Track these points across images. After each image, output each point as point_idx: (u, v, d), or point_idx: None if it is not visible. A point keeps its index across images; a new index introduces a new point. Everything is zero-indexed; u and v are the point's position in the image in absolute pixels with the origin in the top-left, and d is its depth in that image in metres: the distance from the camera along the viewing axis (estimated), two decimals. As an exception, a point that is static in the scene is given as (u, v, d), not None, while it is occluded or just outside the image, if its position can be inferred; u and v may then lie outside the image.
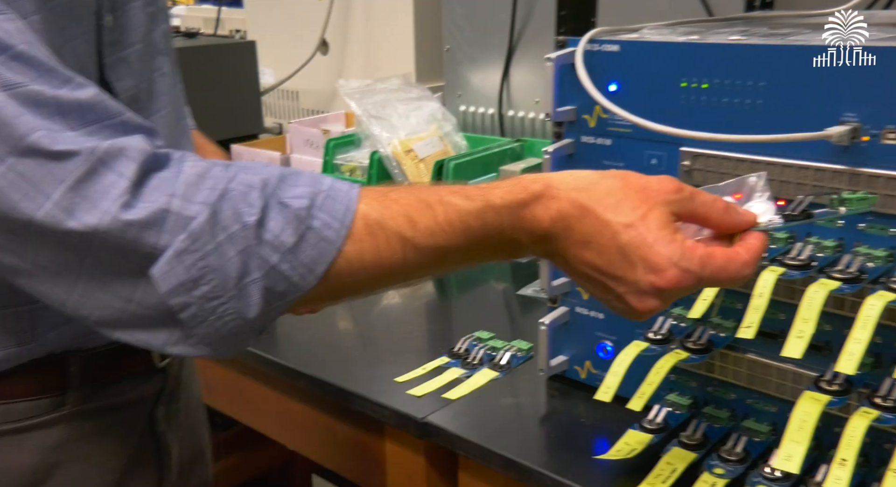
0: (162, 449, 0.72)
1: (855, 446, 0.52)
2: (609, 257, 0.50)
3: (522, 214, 0.52)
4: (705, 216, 0.52)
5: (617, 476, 0.65)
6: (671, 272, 0.50)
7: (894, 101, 0.55)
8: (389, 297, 1.12)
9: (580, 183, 0.52)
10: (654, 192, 0.51)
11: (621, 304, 0.52)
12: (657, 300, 0.51)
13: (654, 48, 0.66)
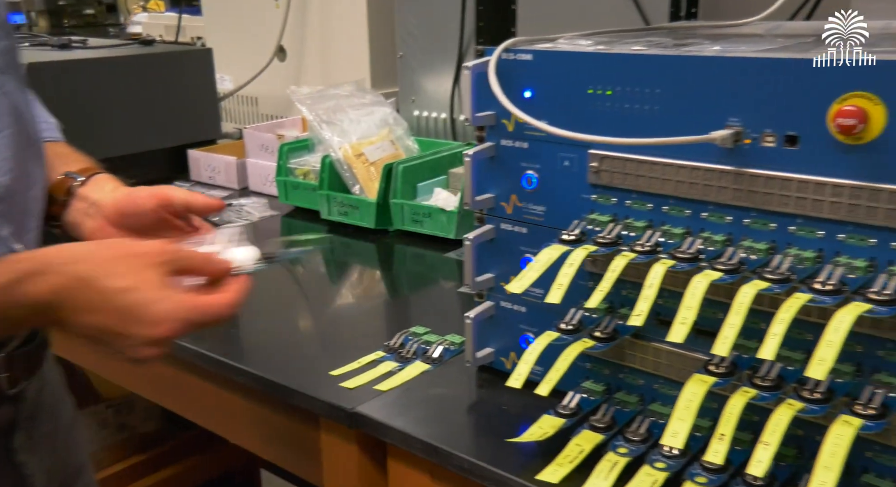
0: (24, 479, 0.73)
1: (733, 422, 0.57)
2: (112, 319, 0.58)
3: (14, 293, 0.57)
4: (193, 268, 0.63)
5: (530, 459, 0.68)
6: (167, 325, 0.58)
7: (772, 108, 0.59)
8: (335, 296, 1.15)
9: (77, 255, 0.59)
10: (146, 256, 0.60)
11: (127, 355, 0.59)
12: (158, 348, 0.59)
13: (563, 57, 0.70)
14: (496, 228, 0.78)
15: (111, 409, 1.93)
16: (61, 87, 1.49)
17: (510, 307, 0.80)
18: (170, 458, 1.95)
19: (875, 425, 0.55)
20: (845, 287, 0.56)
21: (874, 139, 0.55)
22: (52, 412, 0.79)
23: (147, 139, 1.64)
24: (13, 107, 0.69)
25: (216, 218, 1.35)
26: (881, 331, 0.57)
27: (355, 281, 1.22)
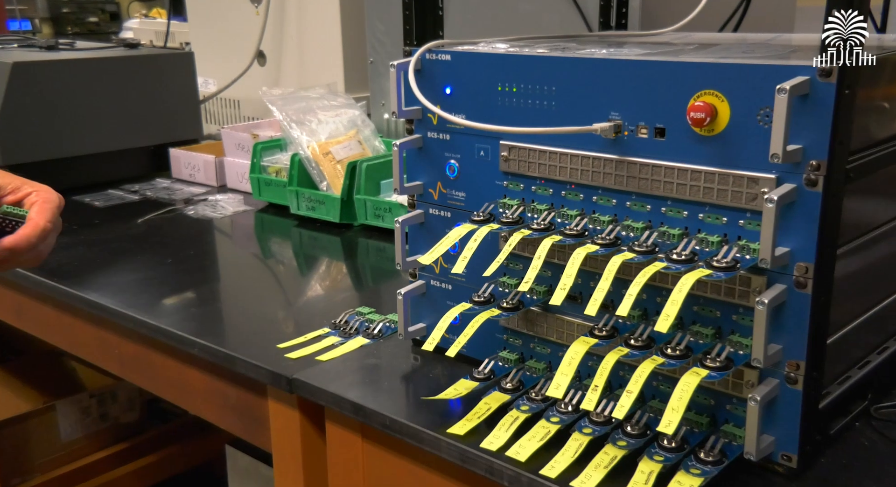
0: None
1: (605, 375, 0.65)
2: None
3: None
4: None
5: (445, 417, 0.76)
6: None
7: (644, 103, 0.68)
8: (297, 283, 1.24)
9: None
10: None
11: None
12: None
13: (476, 58, 0.79)
14: (425, 213, 0.87)
15: (94, 399, 2.01)
16: (47, 86, 1.58)
17: (439, 285, 0.88)
18: (149, 447, 2.03)
19: (718, 375, 0.63)
20: (696, 257, 0.64)
21: (722, 131, 0.64)
22: None
23: (130, 137, 1.73)
24: None
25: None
26: (734, 298, 0.66)
27: (317, 269, 1.30)
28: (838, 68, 0.58)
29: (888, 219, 0.75)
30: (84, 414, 2.00)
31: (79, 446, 1.99)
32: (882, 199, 0.75)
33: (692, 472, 0.65)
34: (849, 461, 0.69)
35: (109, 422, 2.04)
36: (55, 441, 1.95)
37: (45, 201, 0.75)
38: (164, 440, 2.06)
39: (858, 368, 0.75)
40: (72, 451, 1.97)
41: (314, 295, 1.16)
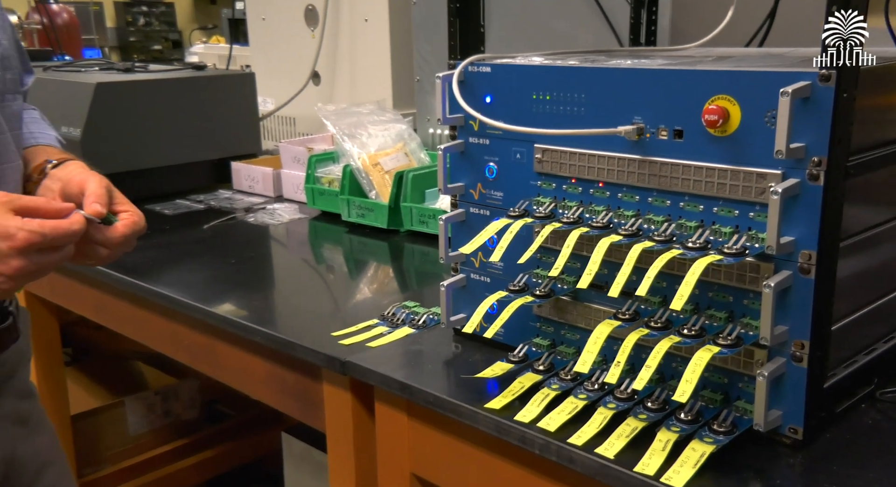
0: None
1: (626, 352, 0.72)
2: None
3: None
4: (33, 207, 0.78)
5: (483, 395, 0.84)
6: (21, 236, 0.74)
7: (663, 108, 0.75)
8: (349, 281, 1.33)
9: None
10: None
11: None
12: (21, 260, 0.74)
13: (513, 69, 0.87)
14: (466, 211, 0.95)
15: (159, 396, 2.13)
16: (125, 104, 1.71)
17: (478, 278, 0.96)
18: (207, 443, 2.14)
19: (728, 351, 0.70)
20: (709, 245, 0.72)
21: (734, 132, 0.71)
22: (17, 403, 0.97)
23: (196, 151, 1.85)
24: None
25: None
26: (745, 284, 0.72)
27: (366, 270, 1.39)
28: (836, 73, 0.65)
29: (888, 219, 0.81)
30: (149, 411, 2.12)
31: (145, 440, 2.11)
32: (889, 197, 0.81)
33: (705, 440, 0.71)
34: (853, 437, 0.75)
35: (172, 419, 2.16)
36: (124, 435, 2.08)
37: (132, 222, 0.85)
38: (221, 437, 2.17)
39: (865, 354, 0.81)
40: (138, 445, 2.09)
41: (363, 292, 1.25)
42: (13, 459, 0.96)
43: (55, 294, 1.58)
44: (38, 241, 0.75)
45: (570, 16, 1.48)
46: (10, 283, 0.75)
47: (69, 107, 1.69)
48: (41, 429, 1.03)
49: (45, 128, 1.03)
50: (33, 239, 0.74)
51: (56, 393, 1.76)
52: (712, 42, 1.08)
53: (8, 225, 0.74)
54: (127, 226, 0.84)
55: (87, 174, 0.87)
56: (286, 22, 2.02)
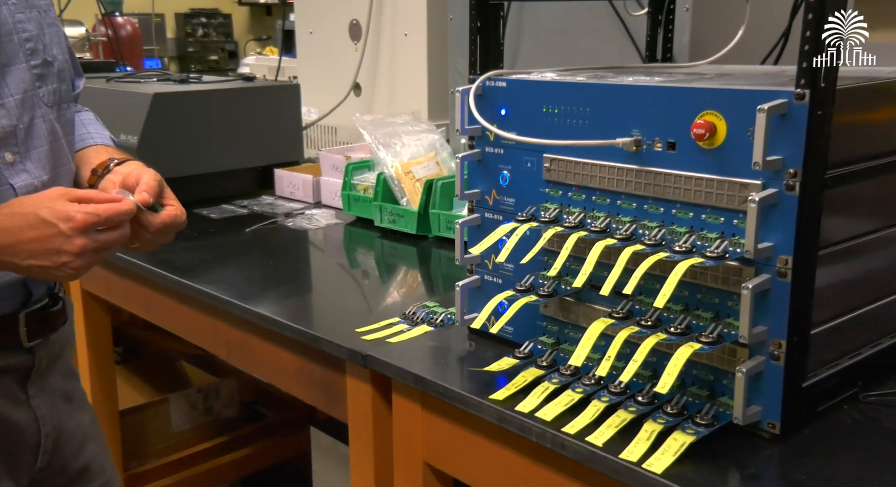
0: (37, 420, 1.00)
1: (616, 348, 0.78)
2: (38, 229, 0.83)
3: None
4: (88, 197, 0.87)
5: (488, 387, 0.90)
6: (80, 217, 0.82)
7: (660, 122, 0.81)
8: (377, 282, 1.41)
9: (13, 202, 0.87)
10: (50, 192, 0.87)
11: (65, 251, 0.83)
12: (84, 238, 0.83)
13: (525, 84, 0.94)
14: (482, 216, 1.02)
15: (201, 394, 2.23)
16: (178, 113, 1.82)
17: (491, 279, 1.03)
18: (246, 441, 2.24)
19: (709, 348, 0.75)
20: (694, 249, 0.77)
21: (720, 145, 0.77)
22: (63, 381, 1.06)
23: (242, 158, 1.95)
24: (52, 130, 0.98)
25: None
26: (729, 287, 0.78)
27: (394, 273, 1.47)
28: (809, 92, 0.70)
29: (879, 228, 0.85)
30: (192, 408, 2.22)
31: (187, 436, 2.21)
32: (873, 210, 0.85)
33: (687, 432, 0.77)
34: (830, 433, 0.80)
35: (213, 416, 2.26)
36: (168, 431, 2.18)
37: (174, 215, 0.95)
38: (258, 435, 2.26)
39: (849, 358, 0.85)
40: (181, 440, 2.20)
41: (388, 293, 1.33)
42: (61, 430, 1.05)
43: (111, 293, 1.68)
44: (94, 221, 0.84)
45: (597, 33, 1.54)
46: (78, 261, 0.85)
47: (128, 115, 1.81)
48: (83, 407, 1.13)
49: (100, 128, 1.13)
50: (90, 219, 0.84)
51: (106, 388, 1.86)
52: (726, 59, 1.13)
53: (67, 209, 0.84)
54: (168, 216, 0.93)
55: (143, 169, 0.97)
56: (331, 35, 2.12)
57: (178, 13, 10.37)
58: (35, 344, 1.01)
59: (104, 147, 1.09)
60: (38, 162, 0.96)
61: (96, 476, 1.12)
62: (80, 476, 1.09)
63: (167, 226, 0.93)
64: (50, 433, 1.03)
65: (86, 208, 0.84)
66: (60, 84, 1.01)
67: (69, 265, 0.84)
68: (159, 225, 0.92)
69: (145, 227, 0.92)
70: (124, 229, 0.89)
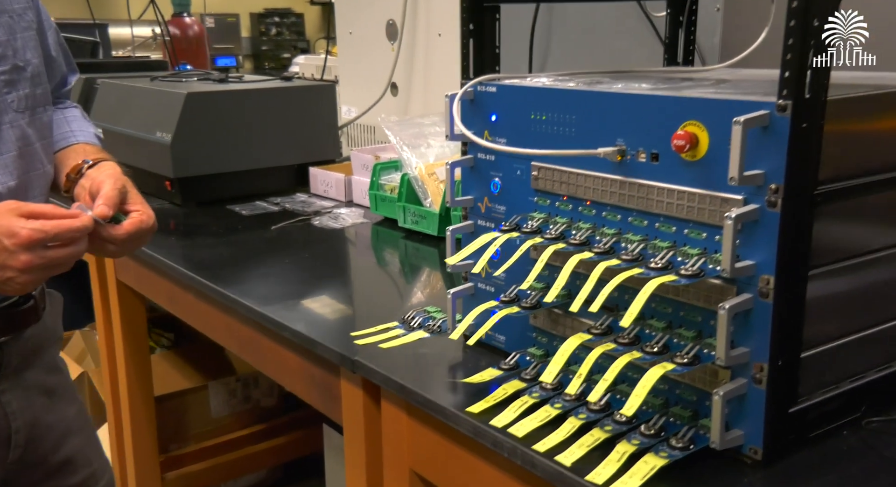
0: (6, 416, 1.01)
1: (588, 365, 0.75)
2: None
3: None
4: (40, 212, 0.87)
5: (470, 398, 0.88)
6: (24, 233, 0.82)
7: (643, 131, 0.78)
8: (389, 284, 1.40)
9: None
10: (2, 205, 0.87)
11: (10, 266, 0.83)
12: (29, 254, 0.82)
13: (514, 90, 0.91)
14: (475, 223, 1.00)
15: (240, 382, 2.27)
16: (212, 112, 1.85)
17: (484, 287, 1.00)
18: (282, 430, 2.27)
19: (682, 369, 0.72)
20: (671, 266, 0.73)
21: (703, 157, 0.73)
22: (45, 376, 1.07)
23: (278, 156, 1.97)
24: (22, 135, 0.98)
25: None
26: (711, 305, 0.74)
27: (411, 275, 1.46)
28: (791, 104, 0.66)
29: (883, 246, 0.80)
30: (231, 395, 2.27)
31: (225, 423, 2.25)
32: (880, 226, 0.80)
33: (660, 454, 0.73)
34: (820, 461, 0.75)
35: (251, 404, 2.30)
36: (207, 417, 2.23)
37: (138, 221, 0.95)
38: (296, 425, 2.29)
39: (851, 381, 0.80)
40: (219, 427, 2.25)
41: (399, 295, 1.32)
42: (36, 425, 1.08)
43: (140, 284, 1.72)
44: (40, 237, 0.85)
45: (627, 35, 1.50)
46: (25, 277, 0.85)
47: (163, 114, 1.84)
48: (67, 401, 1.15)
49: (85, 125, 1.14)
50: (35, 236, 0.84)
51: (141, 375, 1.91)
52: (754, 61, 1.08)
53: (12, 224, 0.84)
54: (133, 225, 0.93)
55: (106, 176, 0.97)
56: (370, 35, 2.12)
57: (252, 13, 10.60)
58: (3, 340, 1.02)
59: (84, 145, 1.10)
60: (4, 168, 0.97)
61: (80, 468, 1.14)
62: (61, 468, 1.12)
63: (132, 235, 0.94)
64: (22, 428, 1.05)
65: (33, 224, 0.85)
66: (34, 88, 1.02)
67: (15, 280, 0.85)
68: (123, 236, 0.93)
69: (109, 241, 0.93)
70: (78, 245, 0.89)
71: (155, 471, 2.00)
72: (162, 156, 1.82)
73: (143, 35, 4.59)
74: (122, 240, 0.93)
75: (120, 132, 1.96)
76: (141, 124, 1.90)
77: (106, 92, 2.14)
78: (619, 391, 0.82)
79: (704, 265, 0.72)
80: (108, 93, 2.13)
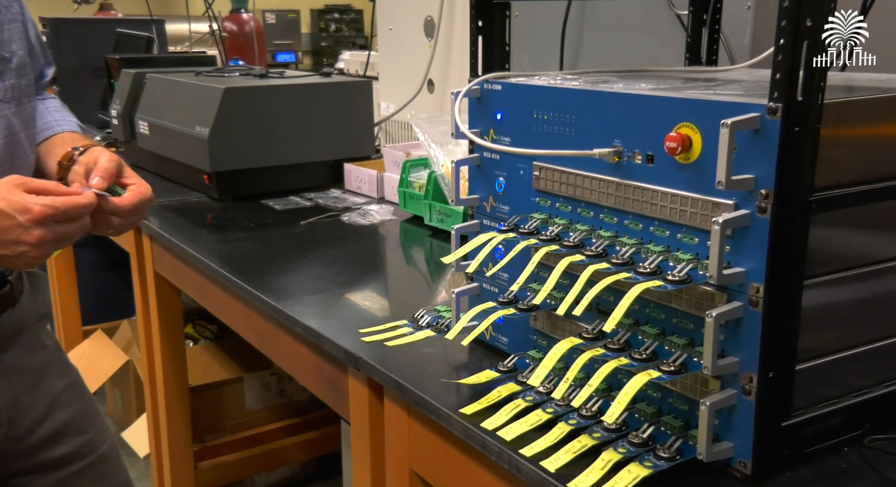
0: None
1: (576, 370, 0.74)
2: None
3: None
4: (44, 188, 0.90)
5: (466, 399, 0.88)
6: (37, 209, 0.84)
7: (639, 132, 0.76)
8: (407, 283, 1.40)
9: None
10: (6, 182, 0.89)
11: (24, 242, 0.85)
12: (42, 229, 0.84)
13: (517, 88, 0.90)
14: (480, 223, 0.99)
15: (274, 376, 2.31)
16: (249, 107, 1.88)
17: (488, 288, 1.00)
18: (314, 425, 2.29)
19: (668, 377, 0.70)
20: (660, 270, 0.72)
21: (696, 160, 0.71)
22: (28, 355, 1.10)
23: (315, 152, 1.99)
24: (7, 125, 1.01)
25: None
26: (701, 312, 0.72)
27: (429, 273, 1.46)
28: (782, 106, 0.64)
29: (889, 257, 0.76)
30: (265, 389, 2.30)
31: (259, 415, 2.29)
32: (879, 236, 0.77)
33: (645, 464, 0.72)
34: (814, 477, 0.72)
35: (286, 398, 2.33)
36: (241, 408, 2.28)
37: (139, 192, 0.99)
38: (327, 420, 2.31)
39: (854, 396, 0.77)
40: (253, 419, 2.29)
41: (417, 293, 1.32)
42: (16, 405, 1.11)
43: (174, 276, 1.76)
44: (52, 213, 0.88)
45: (656, 33, 1.46)
46: (36, 251, 0.89)
47: (202, 108, 1.88)
48: (55, 375, 1.18)
49: (66, 115, 1.18)
50: (48, 211, 0.88)
51: (176, 365, 1.95)
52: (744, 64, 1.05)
53: (25, 201, 0.88)
54: (135, 195, 0.97)
55: (101, 152, 1.01)
56: (408, 32, 2.12)
57: (313, 9, 10.73)
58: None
59: (70, 134, 1.13)
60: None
61: (70, 438, 1.17)
62: (50, 440, 1.15)
63: (136, 206, 0.97)
64: (3, 408, 1.09)
65: (44, 200, 0.88)
66: (20, 79, 1.05)
67: (27, 255, 0.88)
68: (128, 206, 0.96)
69: (114, 213, 0.95)
70: (83, 221, 0.92)
71: (189, 460, 2.05)
72: (200, 150, 1.85)
73: (201, 31, 4.68)
74: (127, 210, 0.97)
75: (164, 126, 2.00)
76: (182, 118, 1.94)
77: (153, 86, 2.19)
78: (611, 397, 0.80)
79: (693, 271, 0.70)
80: (155, 87, 2.18)
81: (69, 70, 3.00)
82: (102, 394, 2.98)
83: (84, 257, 3.13)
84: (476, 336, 0.89)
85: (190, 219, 1.75)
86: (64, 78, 2.98)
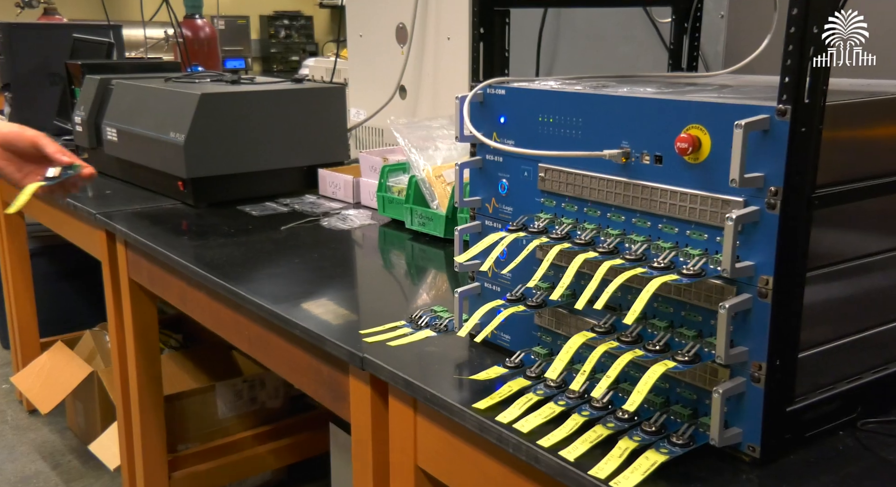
0: None
1: (592, 362, 0.77)
2: None
3: None
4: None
5: (476, 395, 0.90)
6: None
7: (647, 134, 0.80)
8: (395, 284, 1.42)
9: None
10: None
11: None
12: None
13: (522, 93, 0.93)
14: (482, 224, 1.01)
15: (246, 384, 2.29)
16: (224, 113, 1.87)
17: (491, 287, 1.02)
18: (287, 432, 2.29)
19: (683, 367, 0.73)
20: (673, 266, 0.75)
21: (705, 160, 0.75)
22: None
23: (288, 158, 1.99)
24: None
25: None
26: (711, 305, 0.76)
27: (417, 276, 1.48)
28: (791, 108, 0.68)
29: (880, 251, 0.81)
30: (237, 396, 2.29)
31: (231, 423, 2.28)
32: (878, 229, 0.82)
33: (661, 451, 0.75)
34: (816, 459, 0.77)
35: (258, 406, 2.32)
36: (213, 417, 2.26)
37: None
38: (301, 426, 2.31)
39: (848, 382, 0.82)
40: (226, 427, 2.27)
41: (405, 295, 1.34)
42: None
43: (153, 283, 1.75)
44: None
45: (633, 41, 1.51)
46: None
47: (177, 114, 1.87)
48: None
49: None
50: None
51: (151, 374, 1.93)
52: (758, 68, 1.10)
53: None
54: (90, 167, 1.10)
55: (27, 134, 1.15)
56: (380, 39, 2.14)
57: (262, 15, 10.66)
58: None
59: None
60: None
61: None
62: None
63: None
64: None
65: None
66: None
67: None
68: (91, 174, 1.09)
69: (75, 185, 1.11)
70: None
71: (163, 470, 2.03)
72: (175, 156, 1.84)
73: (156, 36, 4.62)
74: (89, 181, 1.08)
75: (134, 132, 1.98)
76: (155, 125, 1.93)
77: (121, 93, 2.16)
78: (621, 389, 0.84)
79: (706, 265, 0.74)
80: (123, 93, 2.16)
81: (22, 76, 2.94)
82: (62, 407, 2.92)
83: (37, 268, 3.06)
84: (489, 333, 0.91)
85: (166, 226, 1.74)
86: (17, 84, 2.91)
